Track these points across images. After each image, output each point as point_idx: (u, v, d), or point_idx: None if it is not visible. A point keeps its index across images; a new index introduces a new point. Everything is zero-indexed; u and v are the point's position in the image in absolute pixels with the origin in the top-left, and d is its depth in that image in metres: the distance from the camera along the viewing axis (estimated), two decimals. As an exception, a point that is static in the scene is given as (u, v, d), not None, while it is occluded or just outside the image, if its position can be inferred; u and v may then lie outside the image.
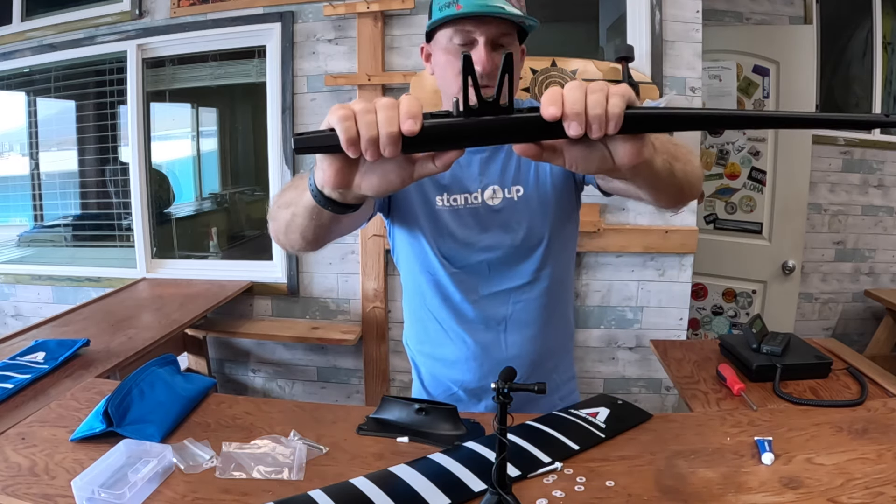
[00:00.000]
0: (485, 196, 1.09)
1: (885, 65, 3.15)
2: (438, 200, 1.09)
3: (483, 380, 1.17)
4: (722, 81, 2.90)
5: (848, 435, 1.00)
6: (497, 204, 1.09)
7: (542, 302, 1.15)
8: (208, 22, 2.66)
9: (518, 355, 1.15)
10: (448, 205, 1.09)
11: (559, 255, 1.15)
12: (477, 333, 1.15)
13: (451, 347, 1.17)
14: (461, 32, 1.00)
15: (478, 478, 0.88)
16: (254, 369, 2.92)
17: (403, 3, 2.41)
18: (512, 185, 1.09)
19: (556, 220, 1.11)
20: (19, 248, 3.30)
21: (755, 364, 1.45)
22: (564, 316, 1.22)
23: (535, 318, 1.15)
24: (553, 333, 1.19)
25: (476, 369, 1.16)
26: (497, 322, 1.14)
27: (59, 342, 1.77)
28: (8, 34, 2.95)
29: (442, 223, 1.09)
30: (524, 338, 1.15)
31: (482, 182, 1.09)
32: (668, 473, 0.90)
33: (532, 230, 1.10)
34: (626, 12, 2.35)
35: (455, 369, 1.19)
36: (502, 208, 1.09)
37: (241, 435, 1.03)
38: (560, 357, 1.24)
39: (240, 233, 3.68)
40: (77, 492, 0.83)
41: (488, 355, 1.16)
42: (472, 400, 1.20)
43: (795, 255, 2.83)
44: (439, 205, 1.09)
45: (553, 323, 1.18)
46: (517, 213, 1.09)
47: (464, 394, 1.21)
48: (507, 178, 1.09)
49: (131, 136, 2.83)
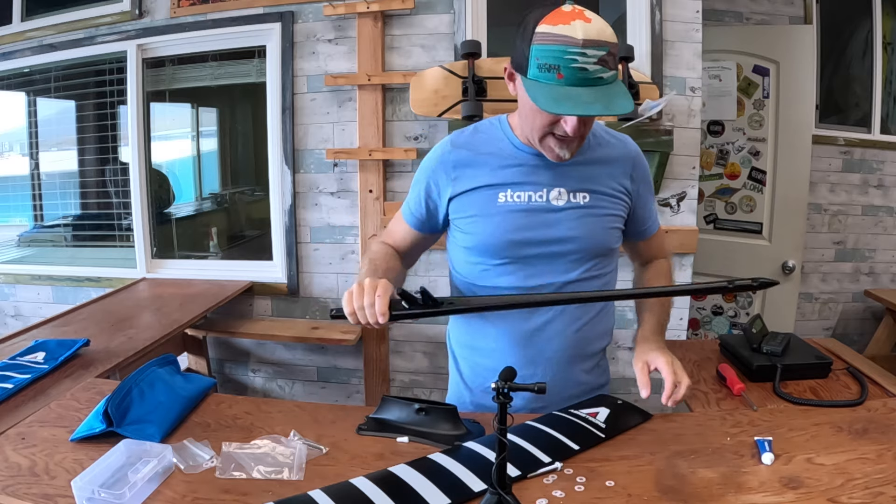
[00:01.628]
0: (550, 196, 1.14)
1: (885, 65, 3.15)
2: (501, 196, 1.14)
3: (523, 369, 1.16)
4: (722, 81, 2.90)
5: (848, 435, 1.01)
6: (560, 204, 1.14)
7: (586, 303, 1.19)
8: (208, 22, 2.66)
9: (556, 351, 1.18)
10: (511, 200, 1.14)
11: (607, 263, 1.21)
12: (518, 324, 1.18)
13: (493, 337, 1.20)
14: None
15: (478, 478, 0.88)
16: (254, 369, 2.92)
17: (403, 3, 2.41)
18: (579, 192, 1.15)
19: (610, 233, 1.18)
20: (19, 248, 3.30)
21: (755, 364, 1.45)
22: (603, 323, 1.26)
23: (577, 317, 1.19)
24: (591, 336, 1.22)
25: (516, 358, 1.18)
26: (542, 313, 1.17)
27: (59, 342, 1.77)
28: (8, 34, 2.95)
29: (500, 217, 1.14)
30: (564, 335, 1.18)
31: (550, 184, 1.15)
32: (668, 473, 0.90)
33: (589, 234, 1.15)
34: (626, 12, 2.35)
35: (493, 358, 1.20)
36: (564, 209, 1.14)
37: (241, 435, 1.03)
38: (598, 359, 1.27)
39: (240, 233, 3.68)
40: (77, 492, 0.83)
41: (528, 347, 1.18)
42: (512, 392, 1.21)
43: (795, 255, 2.83)
44: (501, 200, 1.15)
45: (592, 326, 1.22)
46: (578, 217, 1.14)
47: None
48: (575, 184, 1.15)
49: (131, 136, 2.83)
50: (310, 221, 2.70)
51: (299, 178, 2.67)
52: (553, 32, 0.96)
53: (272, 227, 2.78)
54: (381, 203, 2.56)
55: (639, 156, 1.22)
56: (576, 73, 0.96)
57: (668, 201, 2.38)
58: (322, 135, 2.62)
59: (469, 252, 1.19)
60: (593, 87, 0.97)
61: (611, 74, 0.99)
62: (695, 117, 2.33)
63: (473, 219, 1.16)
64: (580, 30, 0.95)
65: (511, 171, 1.14)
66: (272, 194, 2.74)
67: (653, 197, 1.28)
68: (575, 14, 0.96)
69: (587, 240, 1.15)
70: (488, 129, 1.20)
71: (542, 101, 0.97)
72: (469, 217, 1.16)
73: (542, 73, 0.97)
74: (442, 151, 1.20)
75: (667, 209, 2.38)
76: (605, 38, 0.96)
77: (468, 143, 1.18)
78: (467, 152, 1.17)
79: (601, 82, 0.97)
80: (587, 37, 0.95)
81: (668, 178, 2.34)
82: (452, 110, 2.31)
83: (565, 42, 0.95)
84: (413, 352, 2.67)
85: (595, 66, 0.96)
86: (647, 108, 2.13)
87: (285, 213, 2.70)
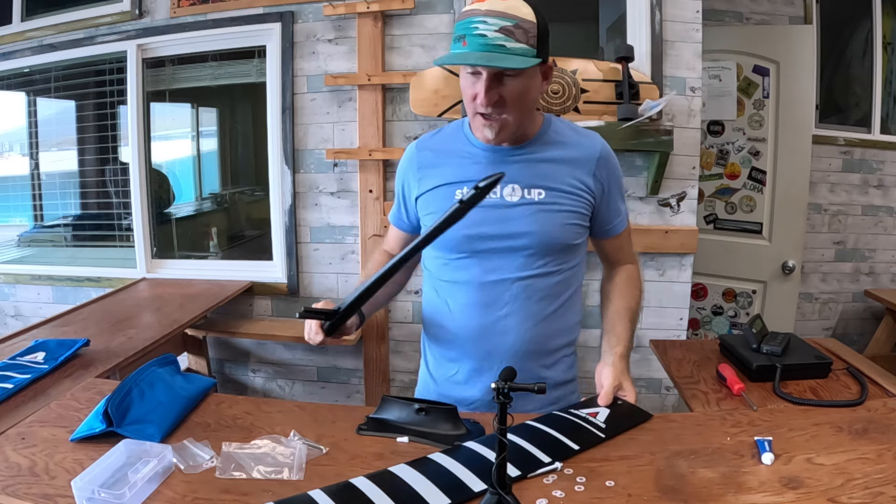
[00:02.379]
0: (504, 192, 1.17)
1: (885, 65, 3.15)
2: (458, 193, 1.17)
3: (481, 361, 1.22)
4: (722, 81, 2.90)
5: (848, 435, 1.00)
6: (514, 200, 1.17)
7: (545, 296, 1.20)
8: (208, 22, 2.66)
9: (513, 345, 1.20)
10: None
11: (567, 259, 1.22)
12: (476, 319, 1.20)
13: (454, 327, 1.23)
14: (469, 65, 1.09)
15: (478, 478, 0.88)
16: (254, 369, 2.92)
17: (403, 3, 2.41)
18: (533, 188, 1.17)
19: (566, 229, 1.19)
20: (19, 248, 3.30)
21: (755, 364, 1.45)
22: (565, 319, 1.26)
23: (536, 311, 1.20)
24: (551, 331, 1.23)
25: (474, 350, 1.22)
26: (499, 307, 1.19)
27: (59, 342, 1.77)
28: (8, 34, 2.95)
29: None
30: (520, 330, 1.20)
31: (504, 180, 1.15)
32: (668, 473, 0.90)
33: (538, 230, 1.16)
34: (626, 12, 2.35)
35: (454, 351, 1.25)
36: (518, 205, 1.17)
37: (241, 435, 1.03)
38: (559, 355, 1.27)
39: (240, 233, 3.68)
40: (77, 492, 0.83)
41: (485, 341, 1.21)
42: (470, 382, 1.24)
43: (795, 255, 2.83)
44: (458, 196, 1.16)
45: (553, 320, 1.22)
46: (532, 212, 1.16)
47: (462, 375, 1.25)
48: (530, 181, 1.17)
49: (131, 136, 2.84)
50: (310, 221, 2.70)
51: (299, 178, 2.67)
52: (467, 8, 1.05)
53: (272, 227, 2.78)
54: (381, 203, 2.56)
55: (605, 154, 1.23)
56: (476, 39, 1.02)
57: (668, 201, 2.38)
58: (322, 135, 2.62)
59: (430, 247, 1.23)
60: (490, 53, 1.02)
61: (517, 46, 1.03)
62: (695, 117, 2.33)
63: (434, 215, 1.20)
64: (489, 2, 1.03)
65: (468, 169, 1.19)
66: (272, 194, 2.74)
67: (621, 196, 1.28)
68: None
69: (541, 235, 1.16)
70: (450, 130, 1.26)
71: (440, 59, 1.05)
72: (430, 214, 1.22)
73: (455, 44, 1.05)
74: (409, 154, 1.28)
75: (667, 209, 2.38)
76: (513, 13, 1.02)
77: (431, 145, 1.26)
78: (430, 153, 1.25)
79: (501, 50, 1.02)
80: (492, 8, 1.02)
81: (668, 178, 2.34)
82: (452, 110, 2.31)
83: (471, 14, 1.04)
84: (413, 352, 2.67)
85: (496, 33, 1.01)
86: (647, 108, 2.13)
87: (285, 213, 2.70)
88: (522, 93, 1.10)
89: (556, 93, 2.25)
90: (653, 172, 2.30)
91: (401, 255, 0.97)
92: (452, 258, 1.21)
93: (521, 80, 1.08)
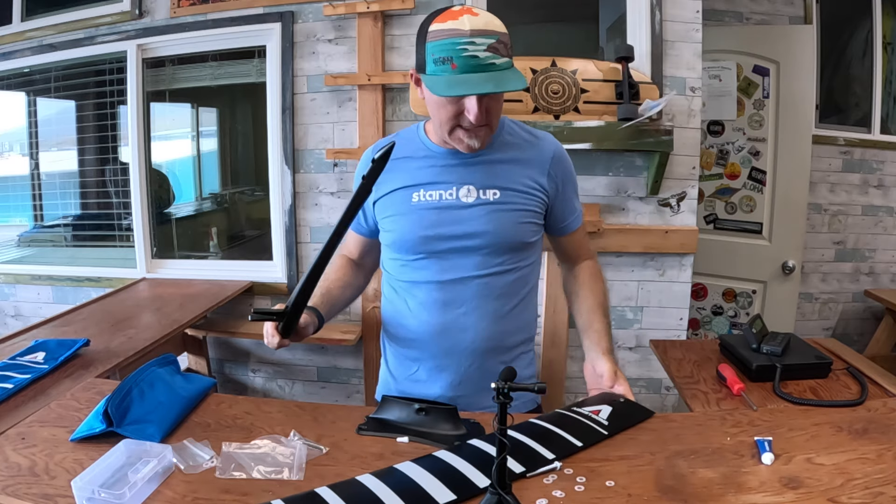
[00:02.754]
0: (460, 193, 1.20)
1: (885, 65, 3.15)
2: (415, 196, 1.21)
3: (441, 359, 1.24)
4: (722, 81, 2.90)
5: (848, 435, 1.01)
6: (470, 201, 1.20)
7: (502, 293, 1.23)
8: (208, 22, 2.66)
9: (472, 342, 1.22)
10: (424, 199, 1.22)
11: (524, 257, 1.24)
12: (435, 316, 1.23)
13: (414, 326, 1.25)
14: None
15: (482, 474, 0.88)
16: (254, 369, 2.92)
17: (403, 3, 2.41)
18: (489, 189, 1.20)
19: (521, 228, 1.22)
20: (19, 248, 3.30)
21: (755, 364, 1.45)
22: (525, 314, 1.29)
23: (494, 308, 1.23)
24: (509, 328, 1.26)
25: (433, 348, 1.24)
26: (457, 305, 1.22)
27: (59, 342, 1.77)
28: (8, 34, 2.95)
29: (416, 215, 1.21)
30: (478, 327, 1.22)
31: (460, 182, 1.21)
32: (668, 473, 0.90)
33: (493, 229, 1.19)
34: (626, 12, 2.35)
35: (413, 348, 1.27)
36: (474, 205, 1.20)
37: (241, 435, 1.03)
38: (518, 351, 1.29)
39: (240, 233, 3.68)
40: (77, 492, 0.83)
41: (444, 338, 1.23)
42: (430, 380, 1.26)
43: (795, 255, 2.83)
44: (415, 199, 1.22)
45: (512, 317, 1.25)
46: (487, 212, 1.19)
47: (422, 373, 1.27)
48: (485, 182, 1.20)
49: (131, 136, 2.83)
50: (310, 221, 2.70)
51: (299, 178, 2.67)
52: (443, 28, 1.05)
53: (272, 227, 2.78)
54: (381, 203, 2.56)
55: (558, 154, 1.26)
56: (467, 60, 1.04)
57: (668, 201, 2.38)
58: (322, 135, 2.62)
59: (389, 249, 1.27)
60: (486, 73, 1.04)
61: (504, 61, 1.06)
62: (695, 117, 2.33)
63: (391, 218, 1.23)
64: (468, 22, 1.03)
65: (424, 172, 1.21)
66: (272, 194, 2.74)
67: (576, 194, 1.31)
68: (463, 10, 1.06)
69: (497, 234, 1.19)
70: (406, 134, 1.28)
71: (440, 88, 1.05)
72: (388, 217, 1.24)
73: (438, 66, 1.05)
74: (365, 159, 1.31)
75: (667, 209, 2.38)
76: (493, 28, 1.05)
77: None
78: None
79: (493, 68, 1.05)
80: (474, 27, 1.03)
81: (668, 178, 2.34)
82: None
83: (454, 34, 1.04)
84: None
85: (485, 52, 1.04)
86: (647, 108, 2.13)
87: (285, 213, 2.70)
88: (502, 100, 1.16)
89: (556, 93, 2.25)
90: (653, 172, 2.30)
91: (325, 244, 1.01)
92: (410, 259, 1.23)
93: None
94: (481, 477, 0.88)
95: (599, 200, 2.39)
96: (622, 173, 2.39)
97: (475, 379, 1.23)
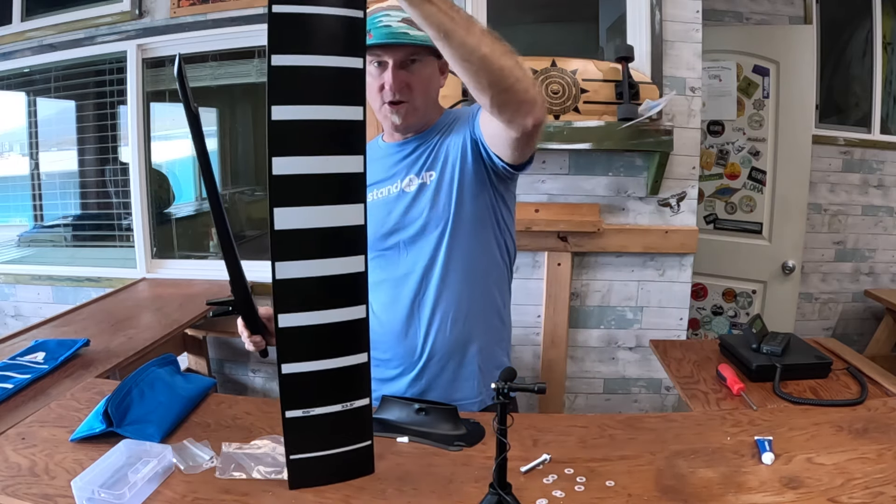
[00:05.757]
0: (403, 184, 1.22)
1: (885, 65, 3.15)
2: (370, 197, 1.22)
3: (402, 359, 1.23)
4: (722, 81, 2.90)
5: (848, 435, 1.01)
6: (411, 190, 1.21)
7: (458, 288, 1.20)
8: (208, 22, 2.66)
9: (433, 343, 1.21)
10: (376, 198, 1.24)
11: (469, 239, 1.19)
12: (398, 317, 1.22)
13: (377, 330, 1.23)
14: (374, 57, 1.16)
15: None
16: (254, 369, 2.92)
17: (403, 3, 2.41)
18: (426, 172, 1.21)
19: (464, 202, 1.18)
20: (19, 248, 3.30)
21: (755, 364, 1.45)
22: (487, 309, 1.25)
23: (451, 304, 1.20)
24: (473, 322, 1.22)
25: (396, 351, 1.23)
26: (410, 303, 1.21)
27: (59, 342, 1.77)
28: (8, 34, 2.95)
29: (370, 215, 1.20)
30: (442, 329, 1.20)
31: (403, 173, 1.23)
32: (668, 473, 0.90)
33: (437, 212, 1.18)
34: (626, 12, 2.35)
35: (379, 349, 1.24)
36: (415, 193, 1.20)
37: (241, 435, 1.03)
38: (486, 347, 1.25)
39: (240, 233, 3.67)
40: (77, 492, 0.83)
41: (407, 339, 1.23)
42: (395, 381, 1.25)
43: (795, 255, 2.83)
44: (370, 199, 1.23)
45: (474, 312, 1.22)
46: (426, 197, 1.19)
47: (386, 373, 1.26)
48: (423, 166, 1.21)
49: (131, 136, 2.83)
50: (310, 221, 2.69)
51: (299, 178, 2.66)
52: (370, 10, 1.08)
53: (272, 227, 2.77)
54: (381, 203, 2.56)
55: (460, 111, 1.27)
56: (381, 30, 1.11)
57: (668, 201, 2.38)
58: (322, 135, 2.61)
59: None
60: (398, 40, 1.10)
61: (419, 34, 1.09)
62: (695, 117, 2.33)
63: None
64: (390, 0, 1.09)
65: (374, 172, 1.22)
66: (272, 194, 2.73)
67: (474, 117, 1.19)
68: None
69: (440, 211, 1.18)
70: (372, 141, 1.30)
71: None
72: None
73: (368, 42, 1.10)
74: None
75: (667, 209, 2.38)
76: None
77: None
78: None
79: (407, 38, 1.11)
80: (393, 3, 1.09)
81: (668, 178, 2.34)
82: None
83: (376, 11, 1.12)
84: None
85: (399, 23, 1.10)
86: (647, 108, 2.13)
87: (285, 213, 2.70)
88: (427, 79, 1.17)
89: (556, 93, 2.25)
90: (653, 172, 2.30)
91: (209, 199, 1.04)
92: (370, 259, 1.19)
93: (425, 67, 1.16)
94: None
95: (599, 200, 2.39)
96: (622, 173, 2.39)
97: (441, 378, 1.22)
